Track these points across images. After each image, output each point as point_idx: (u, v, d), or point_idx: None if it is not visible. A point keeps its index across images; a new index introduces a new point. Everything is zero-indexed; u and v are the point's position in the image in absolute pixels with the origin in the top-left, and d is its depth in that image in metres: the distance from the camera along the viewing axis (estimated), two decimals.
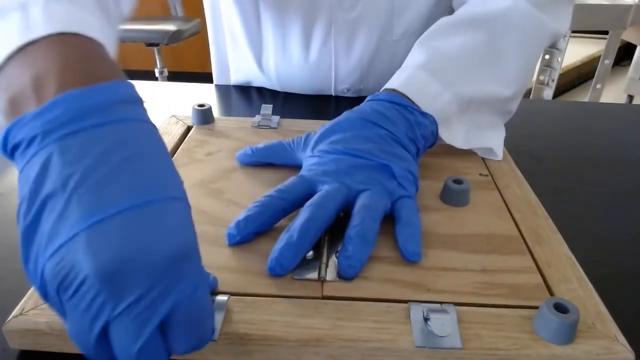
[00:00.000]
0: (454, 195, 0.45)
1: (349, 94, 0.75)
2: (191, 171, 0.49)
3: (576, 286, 0.36)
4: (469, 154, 0.54)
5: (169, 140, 0.54)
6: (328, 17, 0.67)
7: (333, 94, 0.76)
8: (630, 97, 2.46)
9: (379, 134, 0.45)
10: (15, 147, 0.24)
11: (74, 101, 0.24)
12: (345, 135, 0.45)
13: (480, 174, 0.51)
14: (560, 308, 0.31)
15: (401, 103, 0.47)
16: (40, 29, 0.26)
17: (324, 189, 0.41)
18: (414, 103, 0.48)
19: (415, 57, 0.52)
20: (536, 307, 0.32)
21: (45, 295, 0.24)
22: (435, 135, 0.49)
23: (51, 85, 0.24)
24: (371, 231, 0.38)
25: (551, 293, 0.36)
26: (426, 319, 0.32)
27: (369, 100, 0.49)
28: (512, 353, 0.31)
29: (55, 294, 0.23)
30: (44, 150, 0.23)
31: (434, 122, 0.48)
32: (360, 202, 0.40)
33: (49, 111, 0.23)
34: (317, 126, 0.61)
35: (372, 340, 0.31)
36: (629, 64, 2.38)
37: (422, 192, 0.47)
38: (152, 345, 0.23)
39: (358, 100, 0.73)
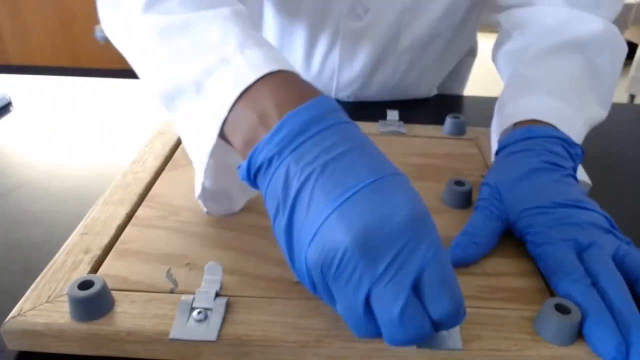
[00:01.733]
0: (455, 197, 0.45)
1: (350, 100, 0.75)
2: (190, 172, 0.49)
3: None
4: (470, 155, 0.54)
5: (168, 140, 0.54)
6: (336, 26, 0.66)
7: (333, 97, 0.76)
8: (632, 96, 2.46)
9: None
10: (257, 171, 0.30)
11: (295, 120, 0.29)
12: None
13: (482, 175, 0.51)
14: (562, 309, 0.31)
15: (562, 137, 0.43)
16: (249, 77, 0.31)
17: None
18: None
19: (533, 83, 0.48)
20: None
21: (313, 285, 0.28)
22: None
23: (274, 116, 0.30)
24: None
25: (552, 295, 0.35)
26: None
27: (532, 138, 0.43)
28: (513, 354, 0.30)
29: (320, 278, 0.27)
30: (283, 164, 0.28)
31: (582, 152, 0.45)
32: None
33: (278, 133, 0.29)
34: None
35: (372, 340, 0.31)
36: (631, 63, 2.38)
37: (423, 193, 0.46)
38: (412, 308, 0.26)
39: (358, 104, 0.73)
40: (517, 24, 0.58)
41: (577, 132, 0.46)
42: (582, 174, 0.47)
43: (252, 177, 0.31)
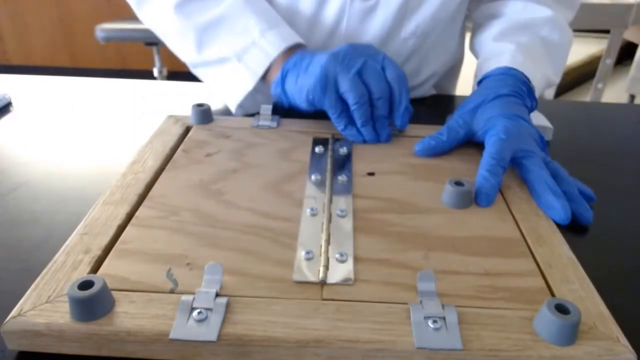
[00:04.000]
0: (455, 197, 0.45)
1: None
2: (190, 172, 0.49)
3: (577, 287, 0.36)
4: (470, 155, 0.54)
5: (168, 141, 0.54)
6: (342, 4, 0.66)
7: None
8: (632, 97, 2.46)
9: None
10: (286, 74, 0.58)
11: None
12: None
13: None
14: (562, 309, 0.31)
15: (528, 82, 0.59)
16: (272, 54, 0.60)
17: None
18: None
19: (503, 45, 0.64)
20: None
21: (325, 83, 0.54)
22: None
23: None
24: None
25: (553, 295, 0.35)
26: (426, 320, 0.31)
27: (507, 75, 0.59)
28: (513, 354, 0.30)
29: (335, 64, 0.54)
30: (303, 62, 0.58)
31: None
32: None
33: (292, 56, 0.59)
34: (318, 126, 0.61)
35: (372, 341, 0.31)
36: (631, 63, 2.38)
37: (423, 194, 0.47)
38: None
39: None
40: (489, 16, 0.72)
41: (536, 83, 0.61)
42: (542, 119, 0.66)
43: (283, 78, 0.57)
